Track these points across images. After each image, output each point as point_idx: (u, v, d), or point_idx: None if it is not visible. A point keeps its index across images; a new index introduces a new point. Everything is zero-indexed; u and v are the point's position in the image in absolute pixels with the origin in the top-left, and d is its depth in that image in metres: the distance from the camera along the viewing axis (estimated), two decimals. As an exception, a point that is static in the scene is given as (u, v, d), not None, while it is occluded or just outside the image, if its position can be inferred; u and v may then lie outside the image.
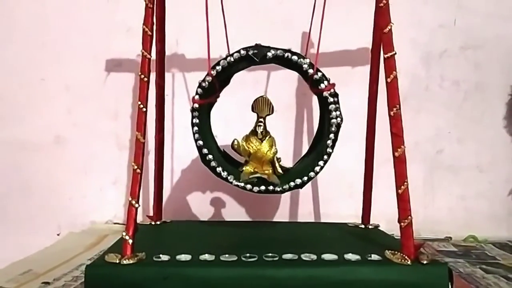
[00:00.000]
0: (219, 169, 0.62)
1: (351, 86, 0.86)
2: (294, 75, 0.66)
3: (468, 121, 0.92)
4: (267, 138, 0.65)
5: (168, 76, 0.84)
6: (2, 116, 0.93)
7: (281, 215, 0.93)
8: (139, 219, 0.57)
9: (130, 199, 0.55)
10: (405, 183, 0.55)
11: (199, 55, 0.86)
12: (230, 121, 0.87)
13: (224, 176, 0.62)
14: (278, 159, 0.67)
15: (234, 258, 0.52)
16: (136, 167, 0.55)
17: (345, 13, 0.88)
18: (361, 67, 0.86)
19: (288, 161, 0.89)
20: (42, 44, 0.93)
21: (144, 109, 0.57)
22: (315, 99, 0.68)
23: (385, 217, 0.74)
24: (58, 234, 0.91)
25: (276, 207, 0.93)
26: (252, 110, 0.65)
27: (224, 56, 0.62)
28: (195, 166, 0.75)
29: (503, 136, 0.92)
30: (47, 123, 0.93)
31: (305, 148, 0.92)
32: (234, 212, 0.91)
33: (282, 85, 0.90)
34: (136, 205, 0.54)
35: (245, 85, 0.84)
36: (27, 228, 0.92)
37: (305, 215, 0.93)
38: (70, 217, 0.92)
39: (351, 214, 0.83)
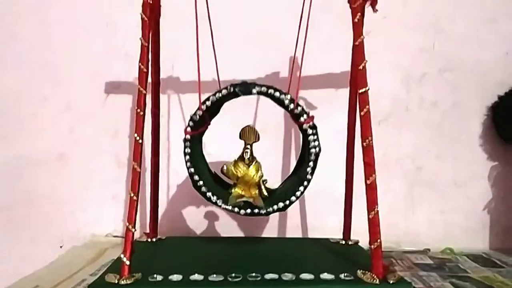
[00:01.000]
0: (209, 194, 0.67)
1: (334, 107, 0.91)
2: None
3: (446, 139, 0.98)
4: (253, 163, 0.71)
5: (164, 97, 0.90)
6: (8, 133, 0.98)
7: (271, 228, 0.98)
8: (136, 234, 0.63)
9: (127, 224, 0.60)
10: (375, 209, 0.60)
11: (193, 78, 0.91)
12: (221, 140, 0.91)
13: (214, 201, 0.67)
14: (264, 182, 0.72)
15: (221, 278, 0.58)
16: (132, 194, 0.61)
17: (329, 38, 0.93)
18: (344, 90, 0.91)
19: (277, 177, 0.95)
20: (45, 66, 0.98)
21: (140, 141, 0.62)
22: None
23: (366, 232, 0.79)
24: (61, 246, 0.95)
25: (266, 221, 0.98)
26: (240, 138, 0.71)
27: (215, 78, 0.68)
28: (190, 182, 0.80)
29: (479, 154, 0.98)
30: (50, 140, 0.98)
31: (292, 164, 0.97)
32: (227, 225, 0.96)
33: (271, 105, 0.94)
34: (133, 230, 0.60)
35: (235, 106, 0.89)
36: (30, 240, 0.96)
37: (293, 228, 0.99)
38: (71, 230, 0.98)
39: (335, 227, 0.88)
